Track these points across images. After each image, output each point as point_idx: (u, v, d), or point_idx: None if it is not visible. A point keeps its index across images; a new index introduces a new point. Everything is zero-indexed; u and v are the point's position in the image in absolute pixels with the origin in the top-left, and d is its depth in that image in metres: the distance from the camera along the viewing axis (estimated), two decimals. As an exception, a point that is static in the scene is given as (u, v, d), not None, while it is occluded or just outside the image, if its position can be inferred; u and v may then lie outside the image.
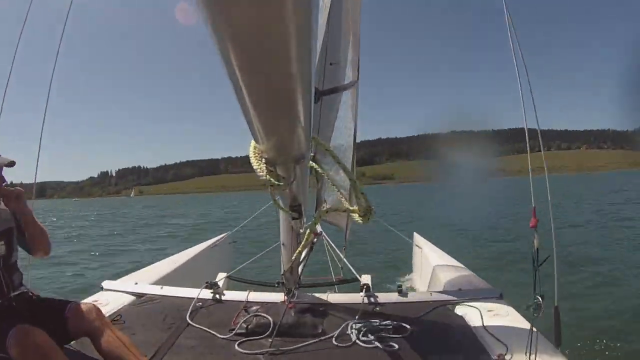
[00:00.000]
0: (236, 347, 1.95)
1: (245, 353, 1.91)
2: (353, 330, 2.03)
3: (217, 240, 4.70)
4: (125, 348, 1.72)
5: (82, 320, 1.74)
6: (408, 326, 2.06)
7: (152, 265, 3.76)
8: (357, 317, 2.19)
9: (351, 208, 1.97)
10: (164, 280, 3.18)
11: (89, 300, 2.67)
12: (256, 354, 1.89)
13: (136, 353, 1.73)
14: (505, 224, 13.14)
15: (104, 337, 1.72)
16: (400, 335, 1.99)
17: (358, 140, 3.16)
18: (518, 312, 2.26)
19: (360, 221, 1.94)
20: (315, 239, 2.08)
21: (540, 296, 1.60)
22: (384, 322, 2.10)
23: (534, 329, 1.63)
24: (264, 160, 1.29)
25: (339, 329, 2.06)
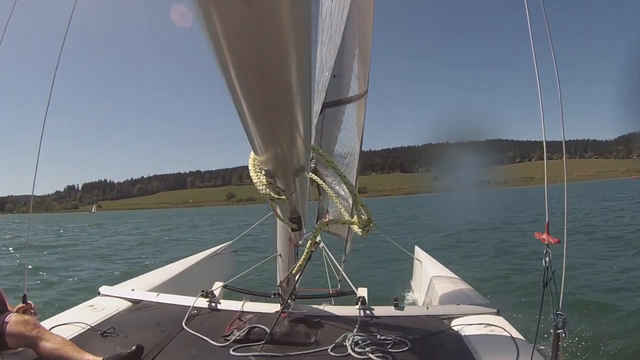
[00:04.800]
0: (230, 352, 1.94)
1: None
2: (349, 343, 2.02)
3: (218, 249, 4.68)
4: (68, 346, 1.78)
5: (19, 336, 1.80)
6: (403, 340, 2.05)
7: (150, 272, 3.76)
8: (353, 329, 2.18)
9: (351, 220, 1.97)
10: (161, 288, 3.17)
11: (85, 305, 2.66)
12: None
13: (78, 350, 1.77)
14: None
15: (42, 342, 1.77)
16: (395, 349, 1.98)
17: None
18: (515, 328, 2.23)
19: (360, 233, 1.94)
20: (314, 248, 2.07)
21: (559, 313, 1.51)
22: (380, 336, 2.09)
23: (531, 345, 1.59)
24: (263, 172, 1.29)
25: (336, 341, 2.05)
